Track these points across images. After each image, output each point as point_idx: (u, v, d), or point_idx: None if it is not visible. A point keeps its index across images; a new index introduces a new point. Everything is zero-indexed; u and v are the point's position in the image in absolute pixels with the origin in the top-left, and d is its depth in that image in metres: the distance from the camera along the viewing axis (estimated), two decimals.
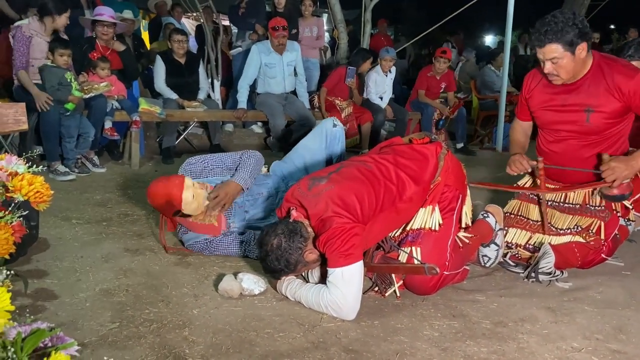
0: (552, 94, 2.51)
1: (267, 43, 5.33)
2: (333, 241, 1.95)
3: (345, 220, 1.98)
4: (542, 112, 2.58)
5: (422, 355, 1.79)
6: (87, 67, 4.57)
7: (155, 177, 4.25)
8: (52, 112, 4.00)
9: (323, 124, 3.14)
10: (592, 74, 2.40)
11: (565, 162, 2.60)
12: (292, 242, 2.02)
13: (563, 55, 2.31)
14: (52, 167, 4.03)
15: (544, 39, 2.30)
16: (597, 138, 2.49)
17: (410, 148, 2.33)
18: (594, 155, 2.52)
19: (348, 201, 2.02)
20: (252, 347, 1.80)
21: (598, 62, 2.41)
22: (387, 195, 2.13)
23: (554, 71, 2.37)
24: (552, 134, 2.60)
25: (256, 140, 5.98)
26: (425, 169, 2.25)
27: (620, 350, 1.87)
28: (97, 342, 1.78)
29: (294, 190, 2.15)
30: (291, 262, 2.04)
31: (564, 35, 2.27)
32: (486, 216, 2.61)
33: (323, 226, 2.00)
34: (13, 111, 2.04)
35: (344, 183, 2.09)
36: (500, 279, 2.52)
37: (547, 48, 2.31)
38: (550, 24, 2.29)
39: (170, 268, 2.47)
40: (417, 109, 6.26)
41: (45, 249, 2.62)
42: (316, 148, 3.01)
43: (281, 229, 2.04)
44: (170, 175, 2.52)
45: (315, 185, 2.09)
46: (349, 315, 2.00)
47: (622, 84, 2.35)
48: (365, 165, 2.21)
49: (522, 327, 2.02)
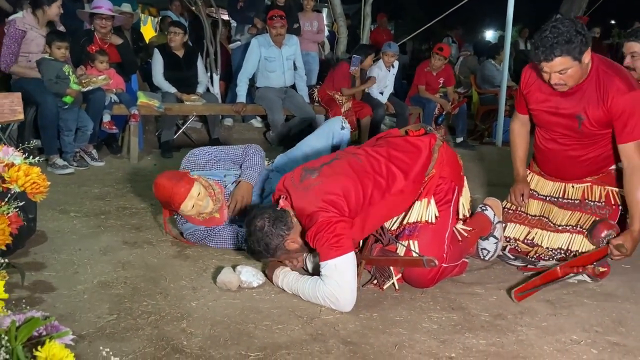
0: (548, 94, 2.46)
1: (267, 36, 5.31)
2: (321, 235, 1.97)
3: (332, 214, 2.00)
4: (537, 112, 2.55)
5: (420, 347, 1.79)
6: (85, 60, 4.55)
7: (154, 171, 4.29)
8: (50, 105, 3.99)
9: (331, 124, 3.09)
10: (588, 81, 2.34)
11: (560, 159, 2.60)
12: (275, 229, 2.07)
13: (572, 65, 2.22)
14: (51, 161, 4.02)
15: (551, 53, 2.19)
16: (588, 141, 2.47)
17: (404, 140, 2.32)
18: (588, 153, 2.51)
19: (334, 197, 2.04)
20: (250, 339, 1.79)
21: (597, 68, 2.32)
22: (376, 190, 2.14)
23: (561, 81, 2.29)
24: (548, 133, 2.59)
25: (255, 134, 5.96)
26: (417, 161, 2.24)
27: (620, 343, 1.86)
28: (95, 334, 1.77)
29: (286, 179, 2.18)
30: (270, 246, 2.09)
31: (572, 46, 2.17)
32: (485, 209, 2.60)
33: (310, 220, 2.02)
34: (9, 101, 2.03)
35: (333, 177, 2.10)
36: (499, 272, 2.51)
37: (556, 61, 2.21)
38: (557, 37, 2.17)
39: (168, 261, 2.46)
40: (419, 104, 6.24)
41: (43, 241, 2.61)
42: (320, 148, 2.99)
43: (268, 213, 2.10)
44: (182, 178, 2.50)
45: (307, 177, 2.12)
46: (346, 306, 2.00)
47: (611, 94, 2.28)
48: (357, 158, 2.22)
49: (521, 320, 2.01)
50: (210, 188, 2.59)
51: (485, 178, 4.40)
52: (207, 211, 2.57)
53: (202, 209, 2.54)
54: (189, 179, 2.51)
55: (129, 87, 4.91)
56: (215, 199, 2.59)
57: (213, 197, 2.58)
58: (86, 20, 4.87)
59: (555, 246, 2.58)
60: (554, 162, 2.64)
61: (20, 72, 4.07)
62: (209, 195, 2.56)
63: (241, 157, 2.79)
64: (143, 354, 1.67)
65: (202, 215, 2.58)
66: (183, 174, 2.55)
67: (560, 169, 2.64)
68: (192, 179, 2.52)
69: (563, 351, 1.80)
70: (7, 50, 4.05)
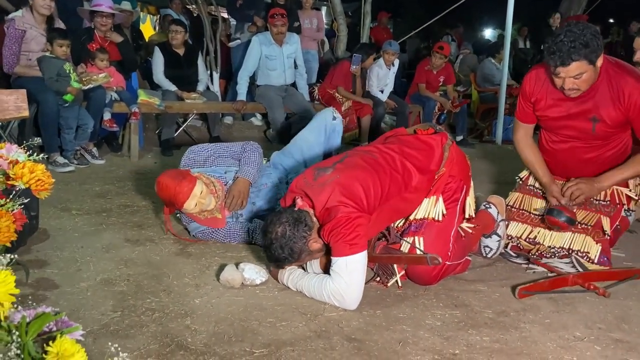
0: (557, 99, 2.43)
1: (268, 34, 5.31)
2: (338, 230, 1.94)
3: (351, 210, 1.96)
4: (546, 118, 2.52)
5: (424, 344, 1.79)
6: (85, 58, 4.54)
7: (154, 169, 4.28)
8: (50, 103, 3.98)
9: (322, 115, 3.11)
10: (600, 82, 2.32)
11: (568, 160, 2.58)
12: (297, 231, 2.00)
13: (587, 69, 2.21)
14: (51, 159, 4.01)
15: (569, 57, 2.16)
16: (602, 142, 2.46)
17: (415, 138, 2.32)
18: (597, 155, 2.49)
19: (354, 190, 2.00)
20: (254, 335, 1.79)
21: (606, 69, 2.31)
22: (393, 185, 2.12)
23: (574, 86, 2.27)
24: (557, 136, 2.56)
25: (256, 132, 5.96)
26: (431, 159, 2.24)
27: (623, 340, 1.87)
28: (100, 331, 1.77)
29: (298, 181, 2.13)
30: (295, 250, 2.02)
31: (589, 50, 2.16)
32: (488, 207, 2.60)
33: (328, 215, 1.98)
34: (14, 97, 2.02)
35: (349, 172, 2.07)
36: (501, 269, 2.52)
37: (572, 66, 2.19)
38: (574, 42, 2.15)
39: (171, 258, 2.46)
40: (419, 102, 6.25)
41: (45, 239, 2.61)
42: (314, 141, 3.00)
43: (286, 217, 2.02)
44: (185, 177, 2.48)
45: (321, 175, 2.07)
46: (352, 305, 1.99)
47: (627, 92, 2.28)
48: (370, 154, 2.19)
49: (524, 317, 2.02)
50: (211, 185, 2.59)
51: (486, 176, 4.41)
52: (209, 209, 2.57)
53: (204, 206, 2.54)
54: (191, 177, 2.51)
55: (129, 85, 4.91)
56: (217, 195, 2.59)
57: (215, 194, 2.58)
58: (86, 18, 4.86)
59: (557, 245, 2.58)
60: (562, 164, 2.61)
61: (21, 72, 4.06)
62: (211, 192, 2.56)
63: (240, 154, 2.79)
64: (148, 350, 1.67)
65: (204, 214, 2.59)
66: (185, 173, 2.54)
67: (569, 170, 2.61)
68: (194, 178, 2.51)
69: (567, 348, 1.80)
70: (8, 51, 4.03)
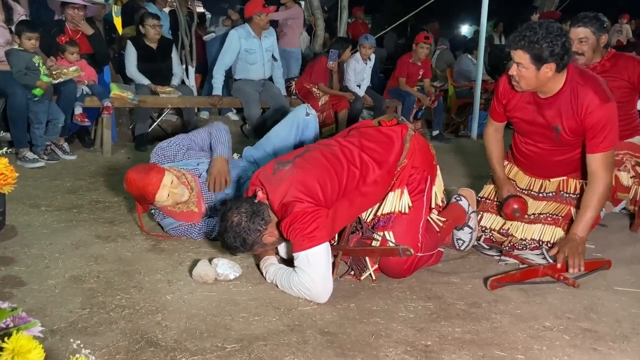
0: (526, 103, 2.51)
1: (247, 27, 5.21)
2: (295, 225, 1.96)
3: (307, 205, 1.98)
4: (517, 119, 2.61)
5: (397, 336, 1.80)
6: (55, 51, 4.43)
7: (127, 164, 4.21)
8: (19, 97, 3.87)
9: (296, 111, 3.11)
10: (564, 93, 2.38)
11: (538, 162, 2.67)
12: (252, 223, 2.04)
13: (528, 65, 2.29)
14: (20, 154, 3.91)
15: (516, 43, 2.28)
16: (568, 147, 2.54)
17: (376, 130, 2.33)
18: (567, 157, 2.57)
19: (310, 186, 2.03)
20: (227, 331, 1.78)
21: (571, 80, 2.37)
22: (350, 180, 2.14)
23: (516, 76, 2.36)
24: (527, 139, 2.65)
25: (232, 127, 5.90)
26: (391, 152, 2.25)
27: (591, 329, 1.91)
28: (67, 329, 1.73)
29: (259, 174, 2.15)
30: (247, 242, 2.06)
31: (534, 49, 2.24)
32: (459, 199, 2.63)
33: (285, 211, 2.01)
34: None
35: (307, 168, 2.09)
36: (474, 261, 2.55)
37: (517, 52, 2.30)
38: (529, 32, 2.25)
39: (143, 254, 2.43)
40: (398, 98, 6.25)
41: (13, 236, 2.54)
42: (286, 135, 3.00)
43: (245, 207, 2.06)
44: (152, 168, 2.46)
45: (280, 169, 2.10)
46: (321, 298, 1.99)
47: (585, 106, 2.33)
48: (330, 149, 2.21)
49: (496, 308, 2.04)
50: (183, 177, 2.56)
51: (461, 170, 4.45)
52: (183, 200, 2.53)
53: (178, 197, 2.50)
54: (159, 168, 2.48)
55: (102, 78, 4.80)
56: (190, 187, 2.56)
57: (187, 185, 2.55)
58: (57, 10, 4.74)
59: (528, 236, 2.63)
60: (536, 164, 2.70)
61: None
62: (183, 183, 2.53)
63: (207, 139, 2.77)
64: (116, 347, 1.64)
65: (179, 206, 2.55)
66: (152, 165, 2.52)
67: (539, 170, 2.71)
68: (162, 169, 2.49)
69: (536, 337, 1.83)
70: None
